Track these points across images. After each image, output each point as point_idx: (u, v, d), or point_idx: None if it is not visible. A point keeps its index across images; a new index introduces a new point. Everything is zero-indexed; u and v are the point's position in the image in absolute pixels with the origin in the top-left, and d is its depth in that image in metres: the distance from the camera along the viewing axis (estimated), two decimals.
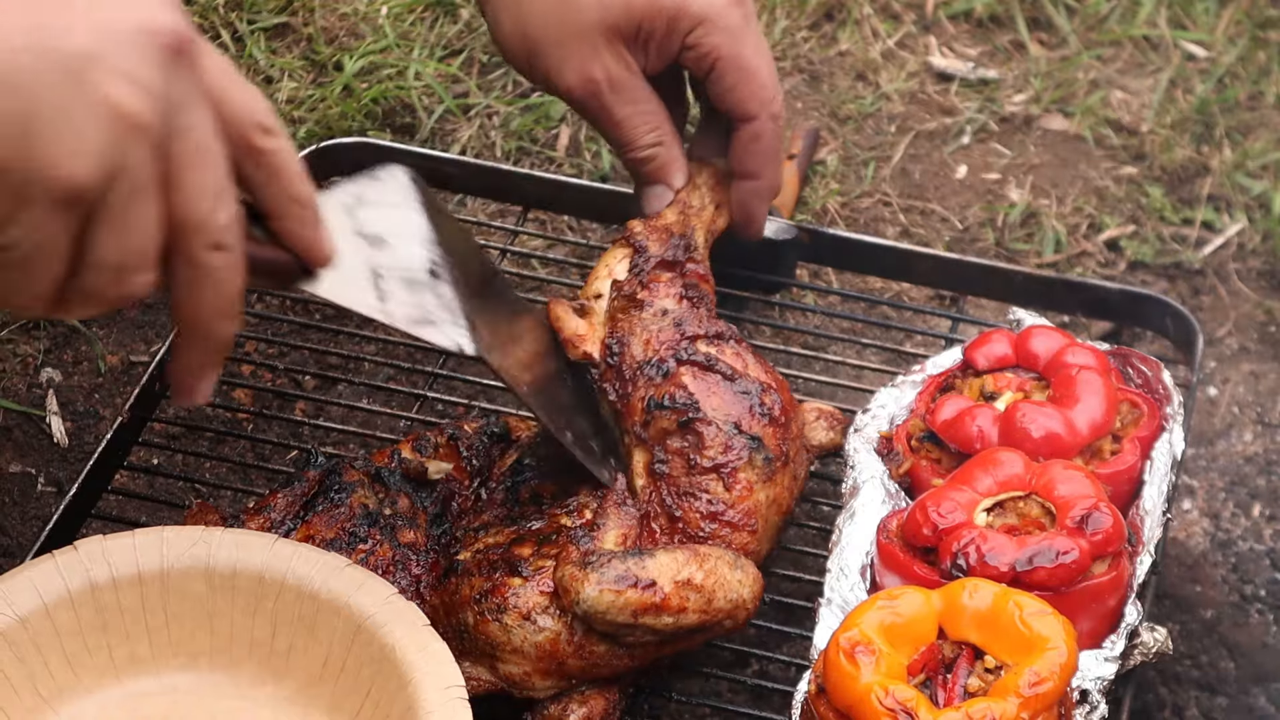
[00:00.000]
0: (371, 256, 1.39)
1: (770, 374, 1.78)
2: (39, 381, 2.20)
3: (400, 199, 1.45)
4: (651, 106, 1.81)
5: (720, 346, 1.76)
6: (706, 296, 1.82)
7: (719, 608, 1.65)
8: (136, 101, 1.04)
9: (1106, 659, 1.62)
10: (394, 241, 1.41)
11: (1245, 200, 2.45)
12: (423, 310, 1.44)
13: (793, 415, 1.77)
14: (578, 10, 1.74)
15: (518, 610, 1.64)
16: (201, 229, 1.12)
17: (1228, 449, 2.20)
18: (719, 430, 1.71)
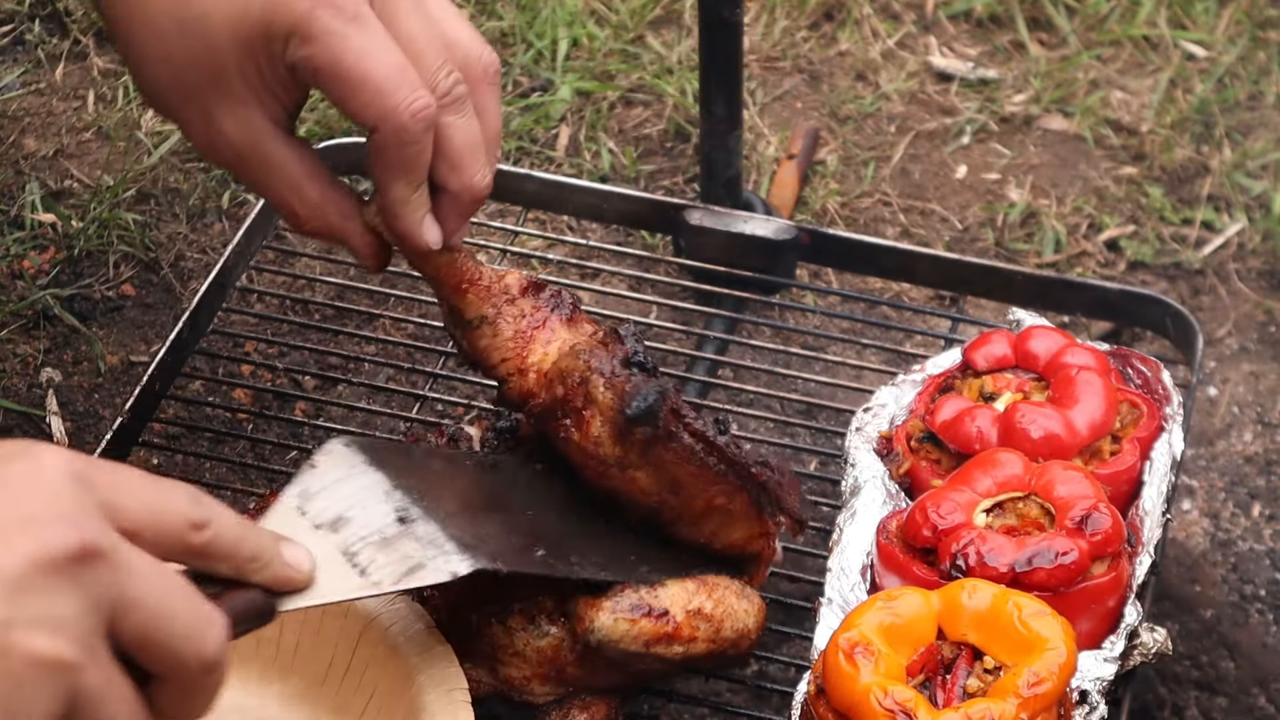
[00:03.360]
0: (338, 541, 1.38)
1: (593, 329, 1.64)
2: (39, 381, 2.20)
3: (344, 471, 1.44)
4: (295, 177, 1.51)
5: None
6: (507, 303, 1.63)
7: (725, 637, 1.65)
8: (59, 645, 1.00)
9: (1106, 659, 1.62)
10: (353, 514, 1.41)
11: (1245, 200, 2.45)
12: (406, 560, 1.42)
13: None
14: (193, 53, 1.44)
15: (522, 614, 1.63)
16: None
17: (1227, 449, 2.20)
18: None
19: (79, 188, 2.43)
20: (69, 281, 2.31)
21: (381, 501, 1.43)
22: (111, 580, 1.02)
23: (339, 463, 1.44)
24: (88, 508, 1.03)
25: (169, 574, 1.06)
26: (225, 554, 1.13)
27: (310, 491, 1.39)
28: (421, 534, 1.43)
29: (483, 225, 2.30)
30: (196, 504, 1.10)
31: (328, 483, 1.41)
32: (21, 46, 2.64)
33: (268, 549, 1.18)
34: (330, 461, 1.43)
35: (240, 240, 2.06)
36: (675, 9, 2.68)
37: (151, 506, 1.07)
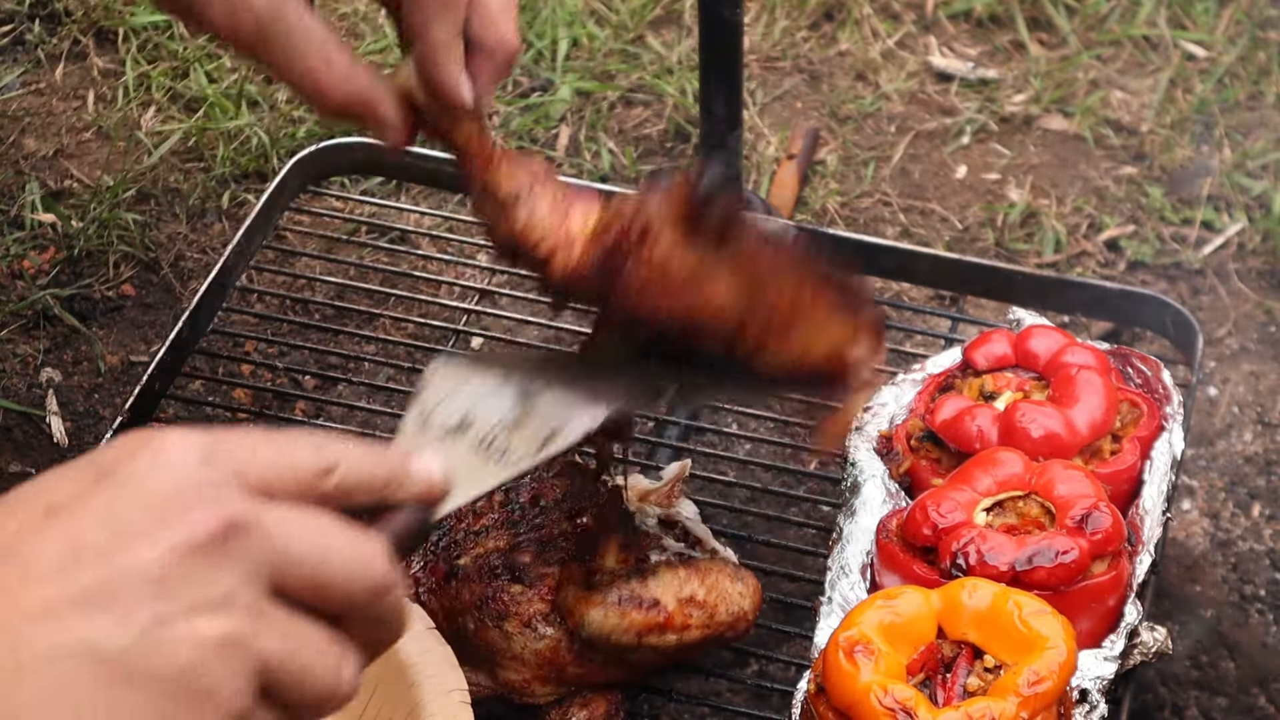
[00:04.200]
0: (469, 439, 1.39)
1: None
2: (39, 381, 2.20)
3: (452, 383, 1.45)
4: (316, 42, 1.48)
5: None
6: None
7: (721, 621, 1.65)
8: (224, 622, 0.98)
9: (1106, 658, 1.62)
10: (475, 413, 1.41)
11: (1245, 200, 2.45)
12: (540, 433, 1.43)
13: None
14: None
15: (518, 617, 1.63)
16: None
17: (1227, 449, 2.20)
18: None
19: (79, 188, 2.43)
20: (69, 281, 2.31)
21: (498, 395, 1.43)
22: (261, 545, 1.00)
23: (445, 378, 1.44)
24: (220, 484, 1.01)
25: (315, 518, 1.04)
26: (359, 488, 1.11)
27: (427, 410, 1.39)
28: (546, 407, 1.43)
29: (483, 225, 2.30)
30: (320, 450, 1.08)
31: (441, 397, 1.41)
32: (21, 46, 2.64)
33: (398, 469, 1.16)
34: (436, 380, 1.44)
35: (240, 240, 2.06)
36: (675, 9, 2.68)
37: (279, 466, 1.05)
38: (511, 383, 1.45)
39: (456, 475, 1.24)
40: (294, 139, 2.46)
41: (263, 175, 2.45)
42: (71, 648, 0.93)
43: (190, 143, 2.48)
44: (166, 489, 0.99)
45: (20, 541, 0.95)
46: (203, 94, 2.52)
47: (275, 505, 1.02)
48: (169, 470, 1.00)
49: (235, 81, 2.54)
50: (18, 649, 0.92)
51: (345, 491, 1.09)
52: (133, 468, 1.00)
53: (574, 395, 1.47)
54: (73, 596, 0.94)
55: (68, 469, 1.01)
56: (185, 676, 0.96)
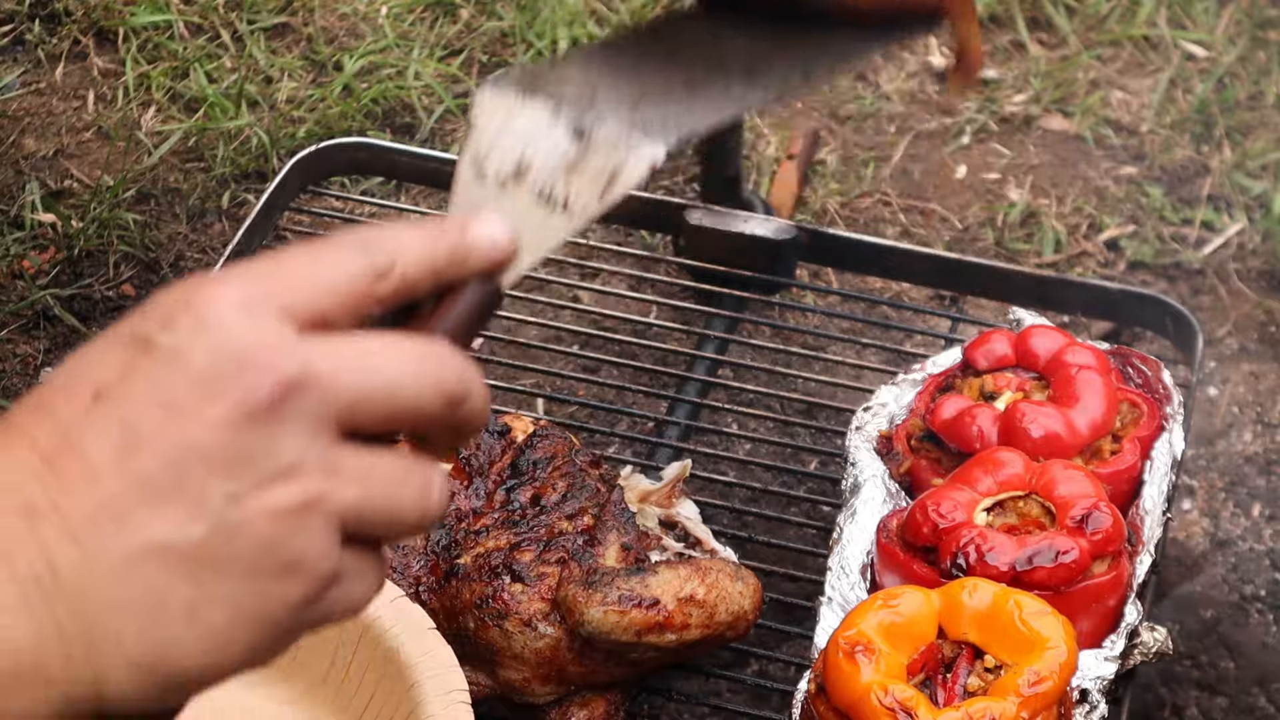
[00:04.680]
0: (528, 188, 1.29)
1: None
2: (39, 381, 2.20)
3: (502, 115, 1.34)
4: None
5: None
6: None
7: (721, 620, 1.65)
8: (298, 488, 0.93)
9: (1106, 659, 1.62)
10: (530, 154, 1.31)
11: (1245, 200, 2.45)
12: (602, 174, 1.31)
13: None
14: None
15: (518, 617, 1.63)
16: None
17: (1228, 449, 2.20)
18: None
19: (79, 188, 2.43)
20: (69, 281, 2.31)
21: (552, 127, 1.33)
22: (322, 395, 0.95)
23: (494, 109, 1.34)
24: (267, 336, 0.94)
25: (375, 345, 0.98)
26: (420, 277, 1.05)
27: (480, 153, 1.30)
28: (605, 139, 1.32)
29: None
30: (371, 251, 1.01)
31: (491, 134, 1.32)
32: (21, 46, 2.64)
33: (458, 243, 1.10)
34: (485, 112, 1.33)
35: (240, 240, 2.06)
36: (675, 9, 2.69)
37: (329, 285, 0.99)
38: (564, 110, 1.34)
39: (521, 234, 1.19)
40: (294, 139, 2.46)
41: (263, 175, 2.45)
42: (146, 548, 0.89)
43: (190, 143, 2.48)
44: (211, 355, 0.93)
45: (73, 431, 0.91)
46: (203, 94, 2.52)
47: (330, 343, 0.96)
48: (210, 333, 0.94)
49: (235, 81, 2.54)
50: (89, 556, 0.89)
51: (406, 288, 1.03)
52: (175, 336, 0.94)
53: (634, 121, 1.34)
54: (137, 489, 0.90)
55: (109, 343, 0.95)
56: (268, 552, 0.92)
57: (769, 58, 1.50)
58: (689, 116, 1.38)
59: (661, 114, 1.37)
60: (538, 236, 1.23)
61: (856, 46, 1.52)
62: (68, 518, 0.89)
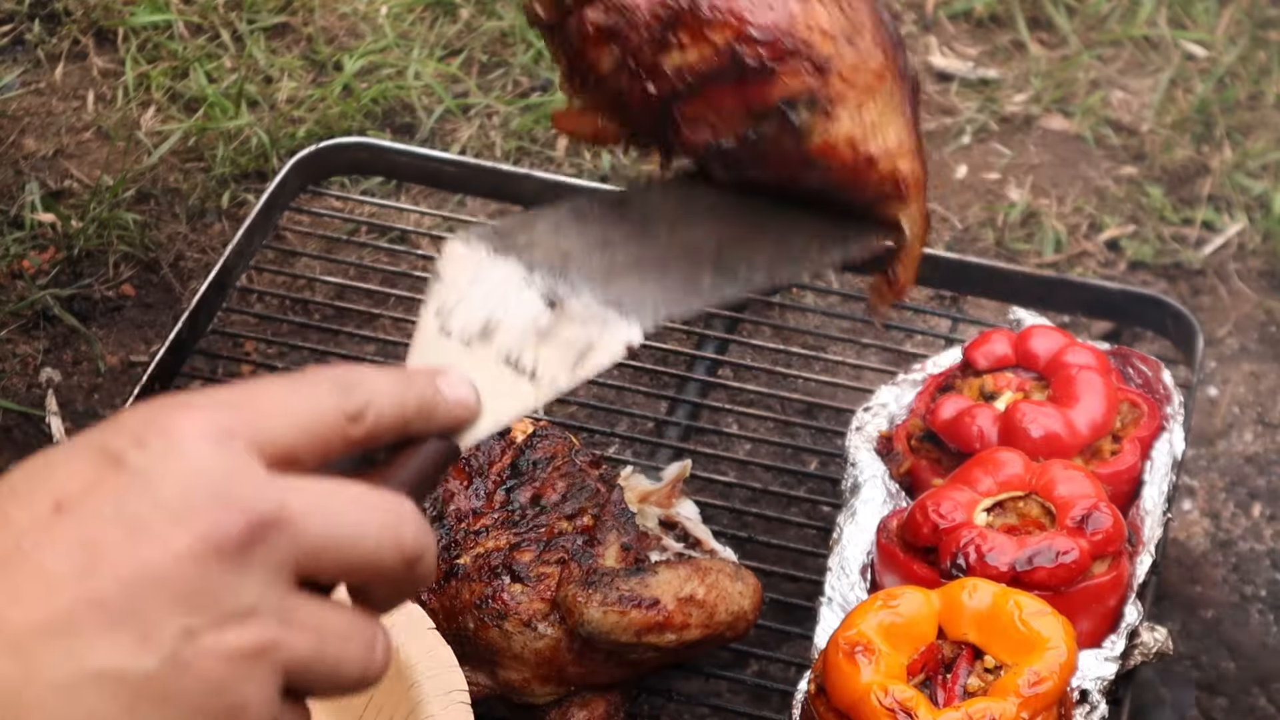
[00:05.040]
0: (495, 350, 1.25)
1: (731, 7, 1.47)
2: (39, 381, 2.20)
3: (473, 271, 1.32)
4: None
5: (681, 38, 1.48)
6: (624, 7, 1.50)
7: (720, 620, 1.65)
8: (253, 632, 0.90)
9: (1106, 659, 1.62)
10: (499, 315, 1.28)
11: (1245, 200, 2.45)
12: (573, 346, 1.28)
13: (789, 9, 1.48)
14: None
15: (518, 617, 1.63)
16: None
17: (1228, 449, 2.20)
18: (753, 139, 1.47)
19: (79, 188, 2.43)
20: (69, 281, 2.31)
21: (524, 290, 1.30)
22: (288, 540, 0.92)
23: (465, 264, 1.32)
24: (239, 470, 0.92)
25: (342, 494, 0.96)
26: (390, 426, 1.03)
27: (447, 306, 1.27)
28: (578, 311, 1.29)
29: (483, 225, 2.30)
30: (347, 392, 1.00)
31: (461, 290, 1.29)
32: (21, 46, 2.64)
33: (429, 396, 1.08)
34: (456, 266, 1.31)
35: (240, 240, 2.06)
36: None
37: (302, 423, 0.97)
38: (538, 275, 1.32)
39: (486, 396, 1.16)
40: (294, 139, 2.46)
41: (263, 175, 2.45)
42: (92, 673, 0.86)
43: (190, 143, 2.48)
44: (183, 482, 0.91)
45: (30, 541, 0.88)
46: (202, 94, 2.52)
47: (301, 485, 0.94)
48: (183, 459, 0.91)
49: (235, 81, 2.53)
50: (33, 672, 0.85)
51: (375, 435, 1.01)
52: (144, 456, 0.91)
53: (608, 298, 1.32)
54: (90, 609, 0.86)
55: (74, 452, 0.92)
56: (214, 694, 0.89)
57: (740, 246, 1.47)
58: (666, 300, 1.35)
59: (638, 295, 1.34)
60: (501, 402, 1.19)
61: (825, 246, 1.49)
62: (13, 629, 0.86)
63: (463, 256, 1.32)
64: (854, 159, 1.47)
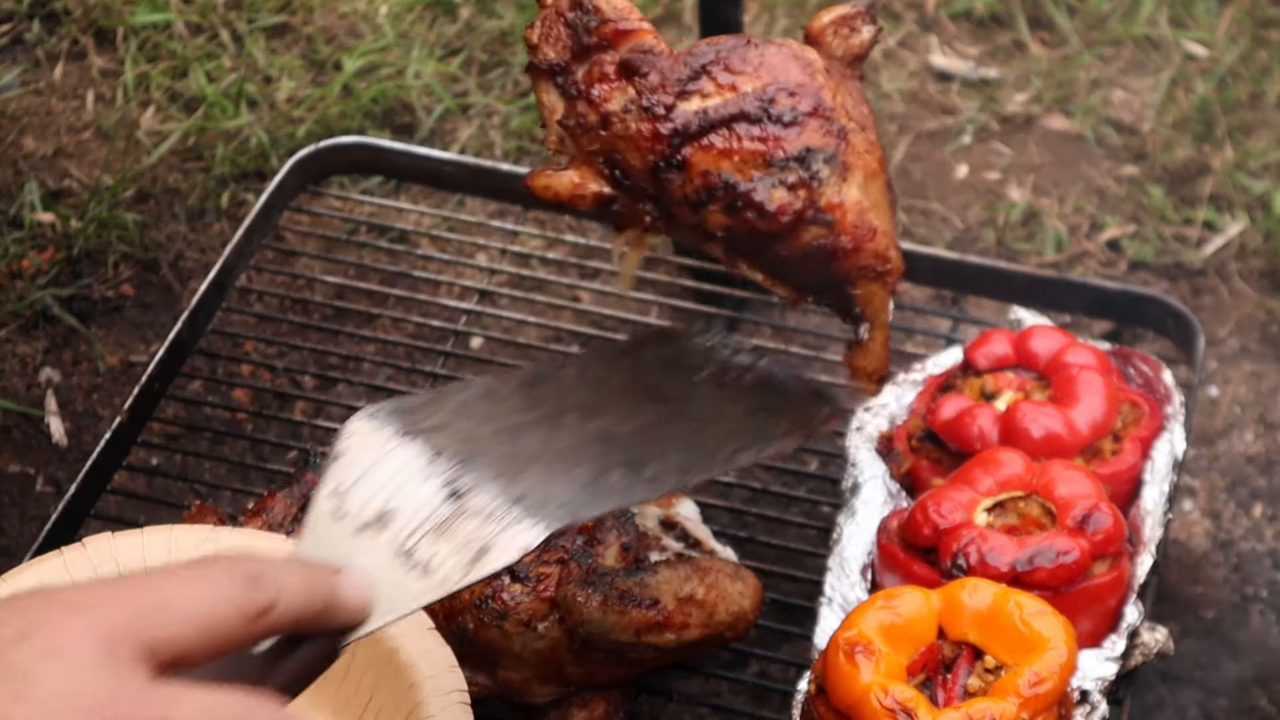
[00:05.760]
0: (388, 540, 1.22)
1: (763, 62, 1.51)
2: (38, 381, 2.20)
3: (374, 452, 1.28)
4: None
5: (704, 86, 1.50)
6: (650, 50, 1.51)
7: (720, 620, 1.64)
8: None
9: (1107, 659, 1.61)
10: (397, 502, 1.25)
11: (1246, 200, 2.45)
12: (470, 545, 1.24)
13: (816, 77, 1.51)
14: None
15: (518, 617, 1.63)
16: None
17: (1229, 449, 2.20)
18: (767, 182, 1.48)
19: (78, 187, 2.43)
20: (68, 281, 2.31)
21: (425, 477, 1.27)
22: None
23: (367, 444, 1.28)
24: (119, 684, 0.91)
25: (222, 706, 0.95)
26: (290, 623, 1.03)
27: (343, 487, 1.24)
28: (479, 506, 1.26)
29: (483, 225, 2.30)
30: (254, 587, 0.98)
31: (360, 471, 1.25)
32: (20, 46, 2.64)
33: (332, 598, 1.07)
34: (357, 446, 1.28)
35: (240, 240, 2.06)
36: (675, 9, 2.68)
37: (201, 622, 0.96)
38: (442, 460, 1.28)
39: (377, 592, 1.12)
40: (294, 139, 2.46)
41: (262, 175, 2.44)
42: None
43: (190, 143, 2.48)
44: (59, 689, 0.89)
45: None
46: (202, 94, 2.52)
47: (181, 698, 0.92)
48: (63, 664, 0.90)
49: (235, 81, 2.53)
50: None
51: (275, 629, 1.00)
52: (25, 655, 0.90)
53: (512, 494, 1.28)
54: None
55: None
56: None
57: (653, 441, 1.40)
58: (572, 502, 1.30)
59: (544, 492, 1.29)
60: (391, 596, 1.16)
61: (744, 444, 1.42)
62: None
63: (366, 435, 1.28)
64: (857, 225, 1.50)
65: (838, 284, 1.52)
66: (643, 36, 1.52)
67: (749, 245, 1.51)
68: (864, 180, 1.51)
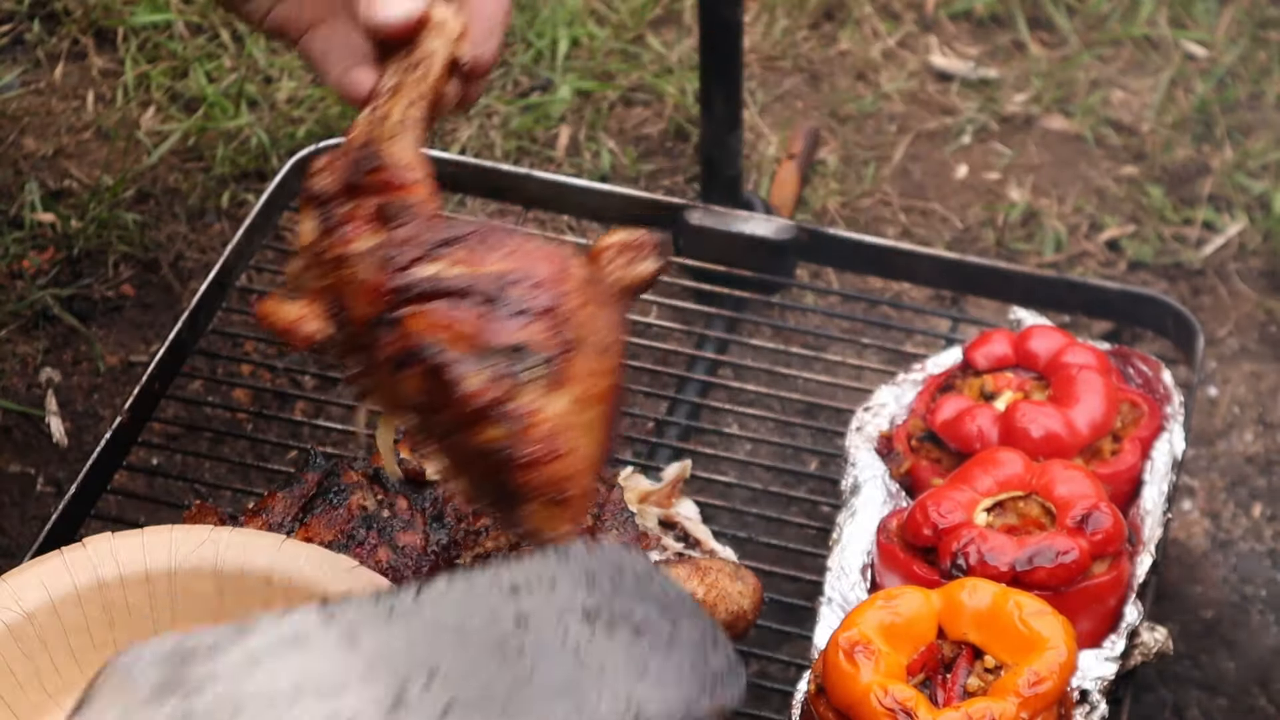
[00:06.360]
0: None
1: (518, 250, 1.44)
2: (39, 381, 2.20)
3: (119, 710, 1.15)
4: None
5: (451, 254, 1.43)
6: (411, 206, 1.45)
7: (720, 620, 1.64)
8: None
9: (1106, 659, 1.62)
10: None
11: (1246, 200, 2.45)
12: None
13: (566, 285, 1.42)
14: None
15: None
16: None
17: (1228, 449, 2.20)
18: (471, 364, 1.38)
19: (78, 187, 2.43)
20: (69, 281, 2.31)
21: None
22: None
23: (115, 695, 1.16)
24: None
25: None
26: None
27: None
28: None
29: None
30: None
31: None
32: (21, 46, 2.64)
33: None
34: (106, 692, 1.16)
35: (240, 240, 2.06)
36: (675, 9, 2.68)
37: None
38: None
39: None
40: (294, 139, 2.46)
41: (262, 175, 2.45)
42: None
43: (190, 142, 2.48)
44: None
45: None
46: (202, 94, 2.52)
47: None
48: None
49: (235, 81, 2.54)
50: None
51: None
52: None
53: None
54: None
55: None
56: None
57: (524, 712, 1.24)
58: None
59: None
60: None
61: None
62: None
63: (118, 687, 1.16)
64: (547, 440, 1.37)
65: (510, 495, 1.40)
66: (414, 191, 1.46)
67: (440, 427, 1.41)
68: (578, 400, 1.39)
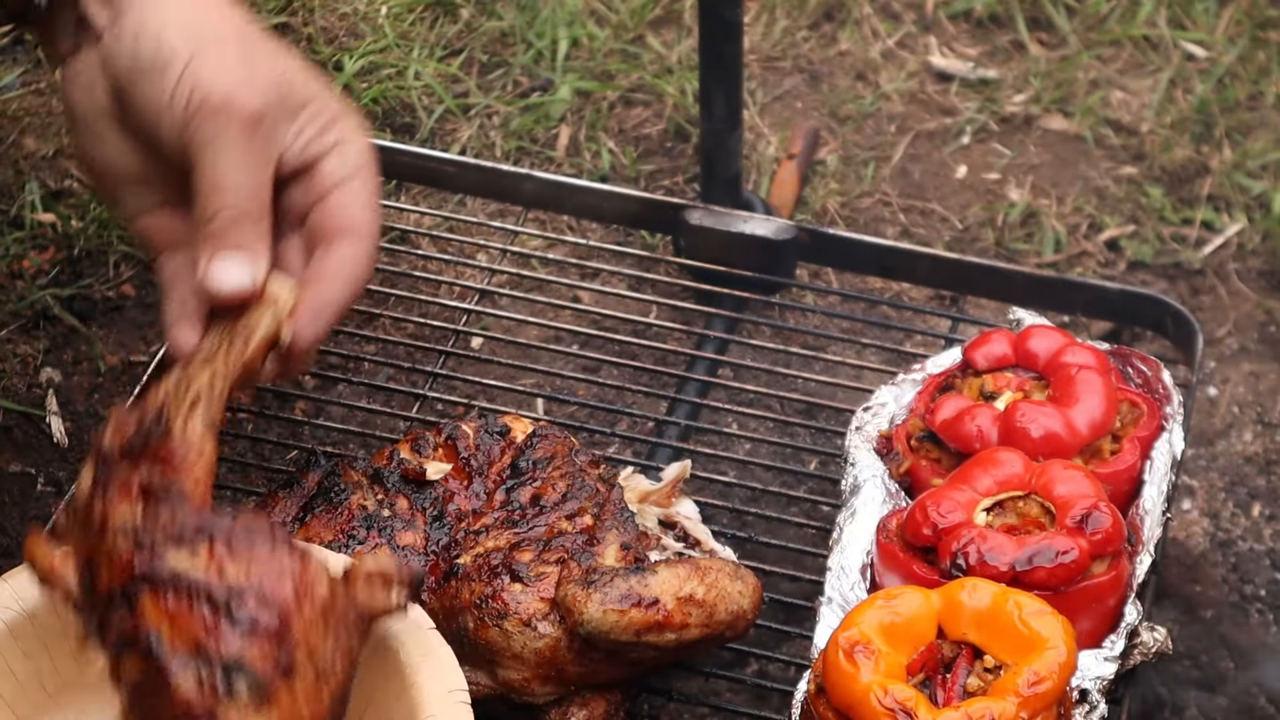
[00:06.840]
0: None
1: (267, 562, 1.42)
2: (39, 381, 2.20)
3: None
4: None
5: (200, 549, 1.41)
6: (182, 488, 1.44)
7: (720, 620, 1.65)
8: None
9: (1106, 659, 1.62)
10: None
11: (1245, 200, 2.45)
12: None
13: (302, 607, 1.41)
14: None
15: (518, 616, 1.64)
16: None
17: (1228, 449, 2.20)
18: (186, 665, 1.37)
19: (79, 187, 2.43)
20: (69, 281, 2.31)
21: None
22: None
23: None
24: None
25: None
26: None
27: None
28: None
29: (483, 225, 2.30)
30: None
31: None
32: (21, 46, 2.64)
33: None
34: None
35: None
36: (675, 9, 2.68)
37: None
38: None
39: None
40: None
41: None
42: None
43: None
44: None
45: None
46: None
47: None
48: None
49: None
50: None
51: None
52: None
53: None
54: None
55: None
56: None
57: None
58: None
59: None
60: None
61: None
62: None
63: None
64: None
65: None
66: (188, 473, 1.45)
67: (150, 711, 1.40)
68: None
